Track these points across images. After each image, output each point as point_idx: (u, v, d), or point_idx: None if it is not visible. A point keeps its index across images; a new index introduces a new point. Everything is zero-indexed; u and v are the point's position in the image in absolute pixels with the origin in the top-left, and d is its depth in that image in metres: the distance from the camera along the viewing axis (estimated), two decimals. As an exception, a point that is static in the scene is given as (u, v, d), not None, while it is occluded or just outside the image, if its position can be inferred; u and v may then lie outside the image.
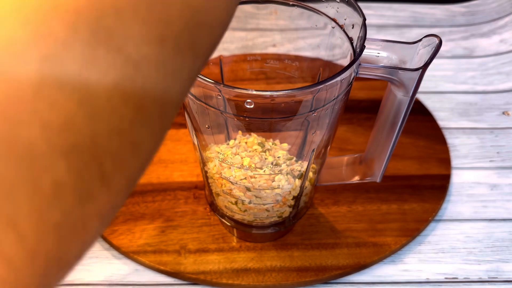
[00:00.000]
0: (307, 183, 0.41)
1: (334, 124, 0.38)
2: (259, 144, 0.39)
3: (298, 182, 0.40)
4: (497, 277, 0.46)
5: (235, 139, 0.40)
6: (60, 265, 0.16)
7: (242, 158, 0.38)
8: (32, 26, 0.15)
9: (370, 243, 0.47)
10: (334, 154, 0.50)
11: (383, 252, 0.46)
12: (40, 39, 0.15)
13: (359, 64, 0.34)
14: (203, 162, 0.41)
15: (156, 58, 0.17)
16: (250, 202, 0.41)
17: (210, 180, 0.42)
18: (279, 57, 0.44)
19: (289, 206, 0.43)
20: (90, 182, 0.16)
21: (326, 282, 0.45)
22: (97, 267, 0.46)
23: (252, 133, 0.40)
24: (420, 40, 0.34)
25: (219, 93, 0.32)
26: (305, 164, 0.39)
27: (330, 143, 0.41)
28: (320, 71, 0.42)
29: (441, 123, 0.59)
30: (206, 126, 0.38)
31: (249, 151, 0.39)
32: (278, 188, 0.39)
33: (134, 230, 0.47)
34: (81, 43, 0.15)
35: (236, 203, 0.42)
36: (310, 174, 0.41)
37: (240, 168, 0.38)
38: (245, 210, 0.42)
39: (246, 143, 0.39)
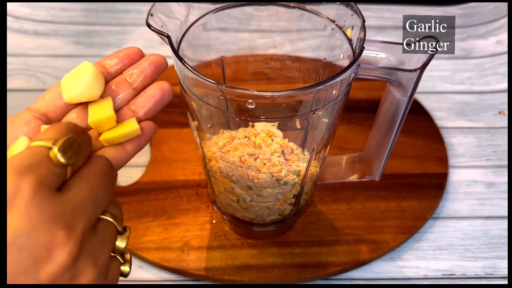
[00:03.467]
0: (307, 182, 0.42)
1: (334, 124, 0.39)
2: (266, 134, 0.39)
3: (298, 181, 0.41)
4: (493, 273, 0.47)
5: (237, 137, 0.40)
6: None
7: (241, 154, 0.38)
8: None
9: (369, 240, 0.48)
10: (334, 153, 0.51)
11: (381, 249, 0.47)
12: None
13: (359, 65, 0.34)
14: (205, 161, 0.42)
15: None
16: (251, 200, 0.42)
17: (212, 179, 0.43)
18: (280, 58, 0.44)
19: (290, 204, 0.43)
20: None
21: (326, 278, 0.46)
22: (101, 264, 0.47)
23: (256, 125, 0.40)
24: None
25: (221, 93, 0.33)
26: (305, 162, 0.40)
27: (330, 142, 0.41)
28: (320, 72, 0.43)
29: (439, 123, 0.60)
30: (209, 125, 0.39)
31: (250, 148, 0.39)
32: (279, 186, 0.40)
33: (137, 227, 0.48)
34: None
35: (237, 201, 0.42)
36: (310, 172, 0.41)
37: (241, 166, 0.39)
38: (247, 208, 0.43)
39: (255, 136, 0.39)
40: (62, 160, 0.21)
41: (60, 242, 0.20)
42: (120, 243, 0.24)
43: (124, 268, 0.25)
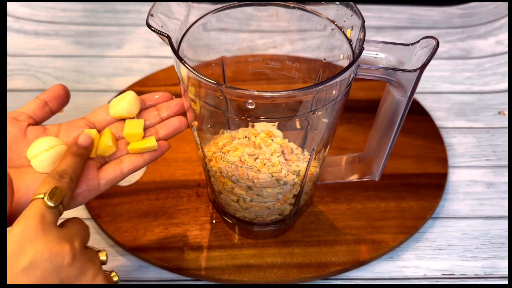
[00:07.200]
0: (307, 182, 0.42)
1: (333, 124, 0.39)
2: (266, 134, 0.39)
3: (298, 181, 0.41)
4: (493, 273, 0.47)
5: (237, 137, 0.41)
6: None
7: (241, 155, 0.39)
8: None
9: (369, 240, 0.48)
10: (334, 153, 0.51)
11: (381, 249, 0.47)
12: None
13: (358, 65, 0.35)
14: (205, 161, 0.42)
15: None
16: (251, 200, 0.42)
17: (212, 179, 0.43)
18: (280, 58, 0.44)
19: (290, 204, 0.43)
20: None
21: (326, 278, 0.46)
22: (101, 264, 0.47)
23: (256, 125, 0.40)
24: (418, 41, 0.35)
25: (221, 94, 0.33)
26: (305, 162, 0.40)
27: (330, 142, 0.41)
28: (320, 72, 0.43)
29: (438, 123, 0.60)
30: (209, 125, 0.39)
31: (250, 148, 0.39)
32: (279, 186, 0.40)
33: (138, 227, 0.48)
34: None
35: (237, 201, 0.42)
36: (310, 172, 0.41)
37: (241, 166, 0.39)
38: (247, 208, 0.43)
39: (255, 136, 0.40)
40: (51, 204, 0.31)
41: (67, 251, 0.31)
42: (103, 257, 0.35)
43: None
